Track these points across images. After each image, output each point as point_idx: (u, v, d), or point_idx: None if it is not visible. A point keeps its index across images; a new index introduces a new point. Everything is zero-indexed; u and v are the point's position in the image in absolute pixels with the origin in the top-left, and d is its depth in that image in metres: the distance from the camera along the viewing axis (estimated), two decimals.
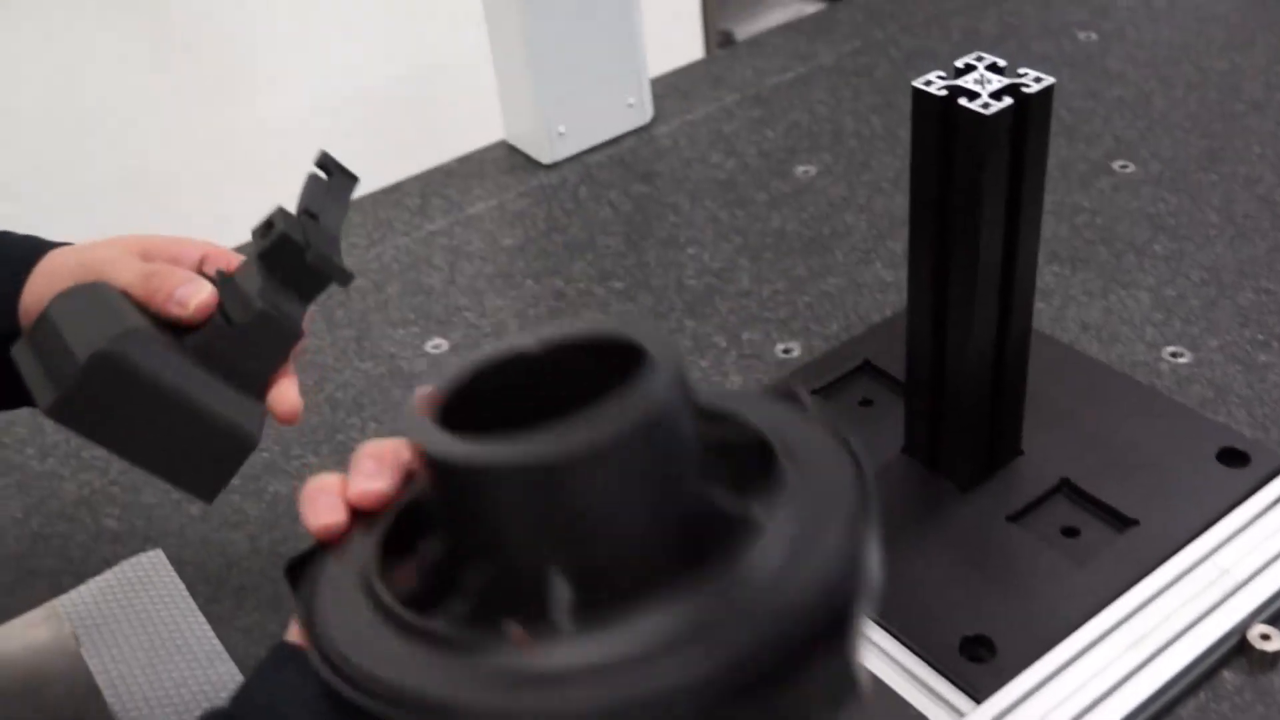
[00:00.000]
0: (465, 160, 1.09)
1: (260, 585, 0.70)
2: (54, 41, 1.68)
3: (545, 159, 1.06)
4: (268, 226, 0.54)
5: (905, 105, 1.12)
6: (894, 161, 1.03)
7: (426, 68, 1.84)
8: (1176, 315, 0.83)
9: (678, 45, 2.09)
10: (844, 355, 0.80)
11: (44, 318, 0.52)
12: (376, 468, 0.41)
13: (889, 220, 0.96)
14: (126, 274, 0.55)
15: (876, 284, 0.89)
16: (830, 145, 1.06)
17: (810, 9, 2.42)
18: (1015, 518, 0.67)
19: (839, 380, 0.78)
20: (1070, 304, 0.85)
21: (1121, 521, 0.67)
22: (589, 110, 1.06)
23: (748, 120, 1.11)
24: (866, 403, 0.77)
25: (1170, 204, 0.94)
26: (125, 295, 0.54)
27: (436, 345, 0.88)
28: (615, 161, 1.07)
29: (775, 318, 0.87)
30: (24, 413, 0.82)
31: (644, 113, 1.10)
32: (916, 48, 1.19)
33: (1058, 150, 1.00)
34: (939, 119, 0.57)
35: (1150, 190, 0.95)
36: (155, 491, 0.77)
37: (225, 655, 0.66)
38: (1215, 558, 0.64)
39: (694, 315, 0.88)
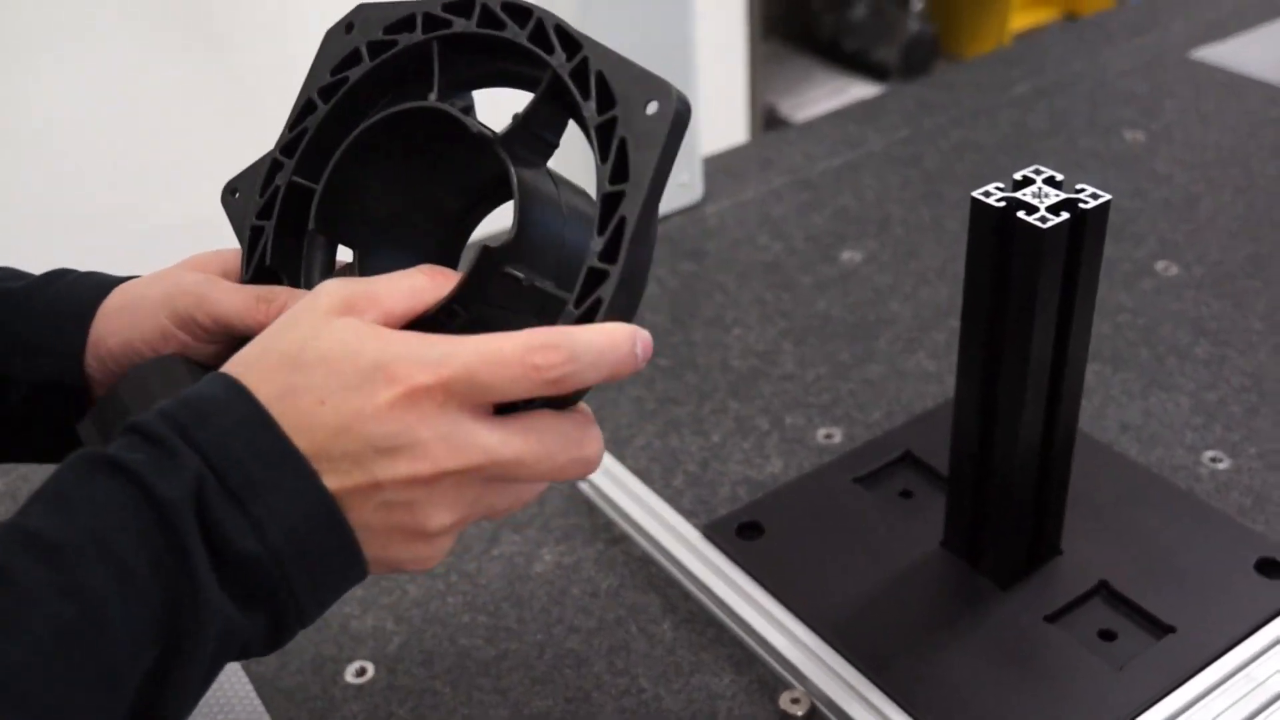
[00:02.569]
0: None
1: (303, 648, 0.71)
2: (122, 84, 1.73)
3: None
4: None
5: (952, 195, 1.14)
6: (940, 251, 1.05)
7: None
8: (1217, 420, 0.84)
9: (724, 121, 2.13)
10: (886, 445, 0.81)
11: (114, 398, 0.51)
12: None
13: (933, 310, 0.97)
14: (232, 299, 0.52)
15: (919, 374, 0.91)
16: (877, 232, 1.08)
17: (855, 89, 2.46)
18: (1053, 618, 0.68)
19: (880, 470, 0.79)
20: (1111, 404, 0.86)
21: (1159, 628, 0.67)
22: None
23: (796, 203, 1.13)
24: (906, 494, 0.78)
25: (1213, 308, 0.95)
26: (198, 368, 0.52)
27: None
28: (664, 238, 1.09)
29: (818, 403, 0.89)
30: None
31: (695, 191, 1.13)
32: (964, 139, 1.21)
33: None
34: (996, 230, 0.59)
35: (1193, 293, 0.97)
36: None
37: (267, 717, 0.67)
38: (1251, 669, 0.65)
39: (738, 397, 0.90)
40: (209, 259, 0.56)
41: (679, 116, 0.45)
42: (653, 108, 0.45)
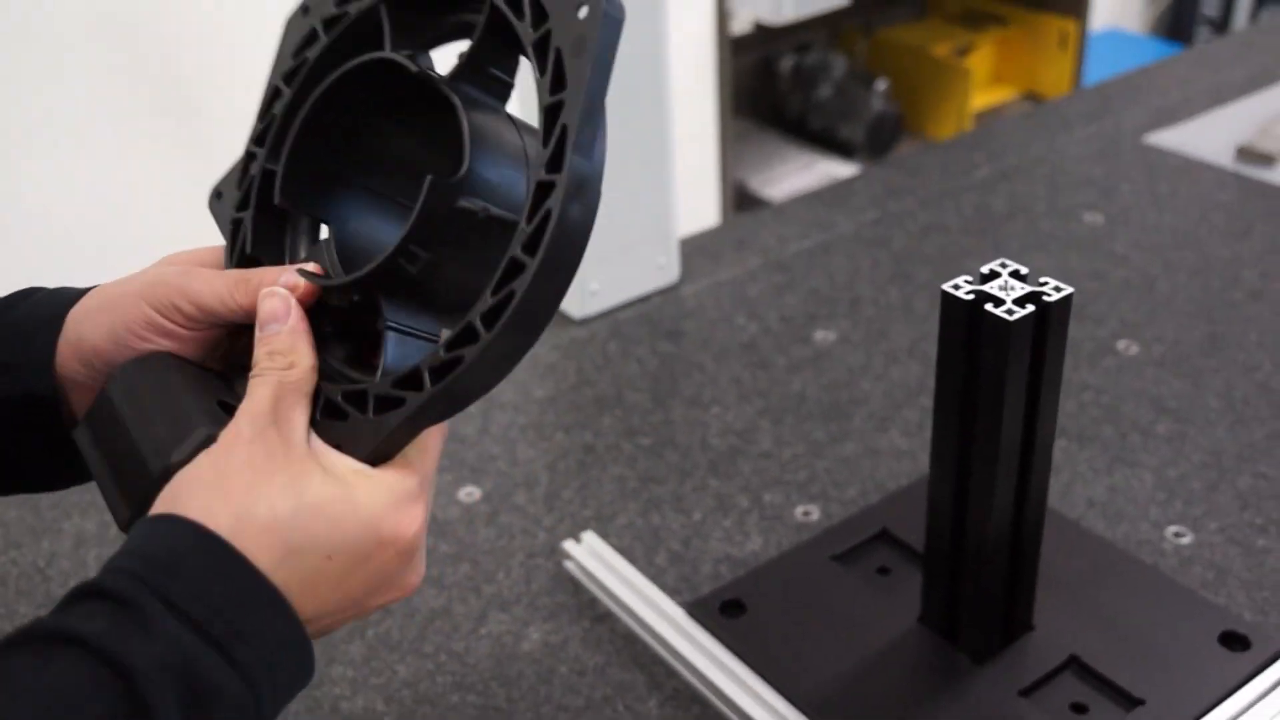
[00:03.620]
0: None
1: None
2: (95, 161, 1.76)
3: (577, 314, 1.11)
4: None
5: (920, 276, 1.18)
6: (909, 331, 1.08)
7: None
8: (1179, 496, 0.87)
9: (697, 199, 2.18)
10: (863, 522, 0.84)
11: (105, 400, 0.51)
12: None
13: (904, 389, 1.01)
14: (213, 285, 0.52)
15: (893, 451, 0.94)
16: (848, 313, 1.11)
17: (821, 166, 2.52)
18: (1027, 693, 0.70)
19: (858, 547, 0.82)
20: (1078, 480, 0.89)
21: (1129, 701, 0.69)
22: (621, 269, 1.12)
23: (770, 284, 1.16)
24: (884, 571, 0.80)
25: (1173, 387, 0.98)
26: (189, 365, 0.52)
27: (469, 493, 0.91)
28: (643, 319, 1.12)
29: (795, 480, 0.91)
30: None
31: (672, 273, 1.16)
32: (930, 222, 1.26)
33: None
34: (965, 321, 0.62)
35: (1154, 372, 1.00)
36: None
37: None
38: None
39: (717, 474, 0.92)
40: (186, 254, 0.56)
41: (609, 16, 0.45)
42: (583, 11, 0.46)
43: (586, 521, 0.88)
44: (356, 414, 0.49)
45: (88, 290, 0.55)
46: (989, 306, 0.61)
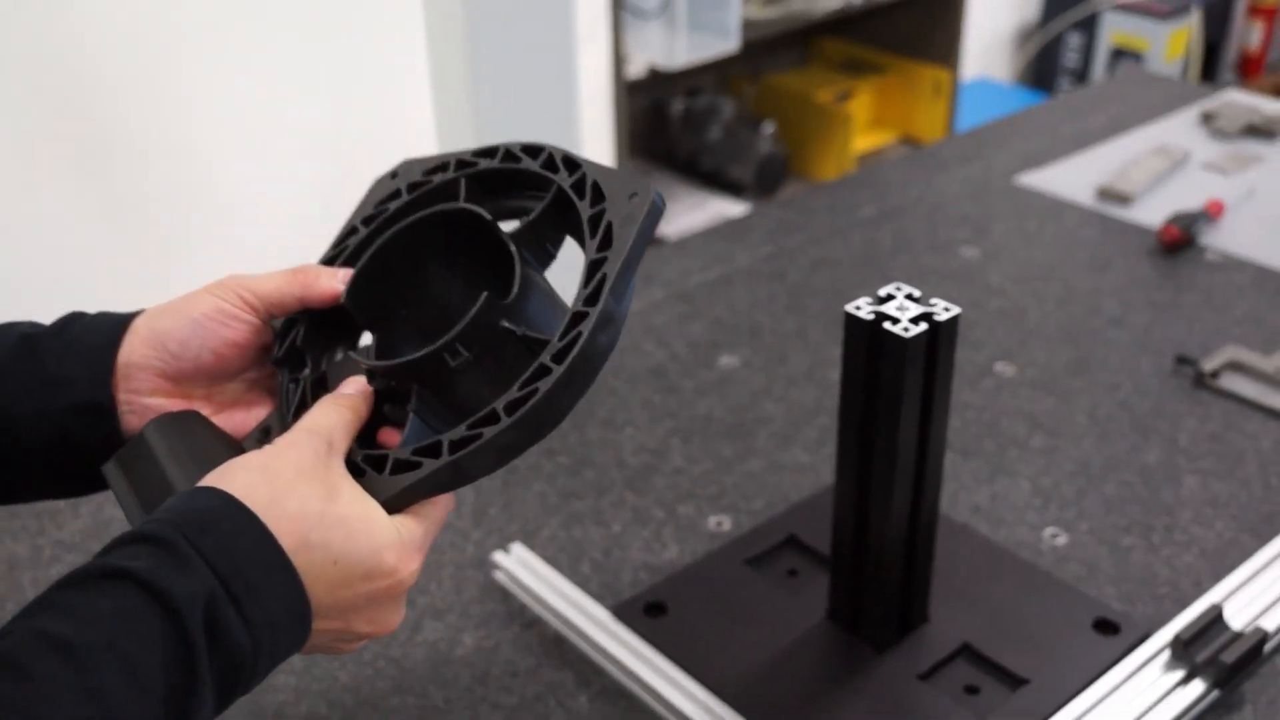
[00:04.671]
0: None
1: None
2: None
3: None
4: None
5: (814, 306, 1.26)
6: (806, 357, 1.16)
7: None
8: (1053, 501, 0.96)
9: None
10: (771, 530, 0.90)
11: (141, 440, 0.58)
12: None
13: (803, 410, 1.08)
14: (273, 279, 0.63)
15: (796, 466, 1.01)
16: (749, 340, 1.19)
17: (713, 205, 2.61)
18: (924, 677, 0.78)
19: (768, 552, 0.88)
20: (963, 489, 0.98)
21: (1015, 681, 0.77)
22: None
23: (675, 314, 1.23)
24: (793, 573, 0.87)
25: (1045, 405, 1.08)
26: (212, 424, 0.61)
27: None
28: None
29: (706, 494, 0.98)
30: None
31: None
32: (821, 256, 1.34)
33: None
34: (866, 340, 0.70)
35: (1028, 391, 1.10)
36: None
37: None
38: (1093, 714, 0.75)
39: (634, 489, 0.98)
40: (232, 278, 0.65)
41: (654, 206, 0.57)
42: (635, 199, 0.57)
43: (512, 535, 0.93)
44: (373, 473, 0.56)
45: (130, 315, 0.63)
46: (887, 325, 0.68)
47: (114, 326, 0.61)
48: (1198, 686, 0.76)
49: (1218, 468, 0.99)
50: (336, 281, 0.63)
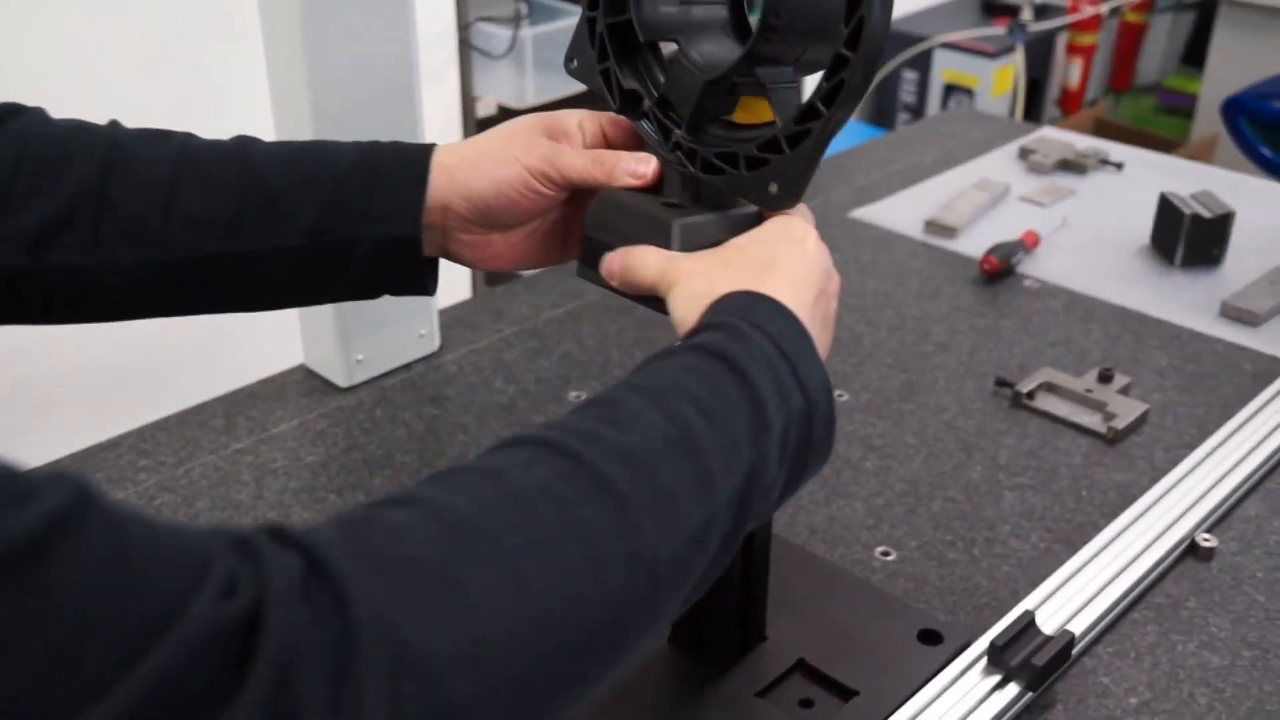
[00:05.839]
0: (267, 383, 1.19)
1: None
2: None
3: (343, 383, 1.17)
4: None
5: (663, 340, 1.30)
6: None
7: None
8: (885, 520, 1.01)
9: (452, 272, 2.25)
10: None
11: (594, 239, 0.71)
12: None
13: None
14: (578, 162, 0.72)
15: None
16: (599, 374, 1.22)
17: None
18: (762, 693, 0.81)
19: None
20: (801, 511, 1.02)
21: (846, 694, 0.81)
22: (385, 339, 1.19)
23: (525, 350, 1.26)
24: None
25: (877, 428, 1.14)
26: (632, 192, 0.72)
27: None
28: (408, 385, 1.19)
29: None
30: None
31: (433, 341, 1.24)
32: None
33: None
34: None
35: (861, 416, 1.15)
36: None
37: None
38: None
39: None
40: (527, 123, 0.75)
41: None
42: None
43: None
44: (776, 156, 0.67)
45: (429, 147, 0.74)
46: None
47: (418, 165, 0.73)
48: (1013, 689, 0.81)
49: (1034, 482, 1.06)
50: (642, 166, 0.71)
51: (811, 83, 0.68)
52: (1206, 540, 0.97)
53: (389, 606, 0.42)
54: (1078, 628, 0.86)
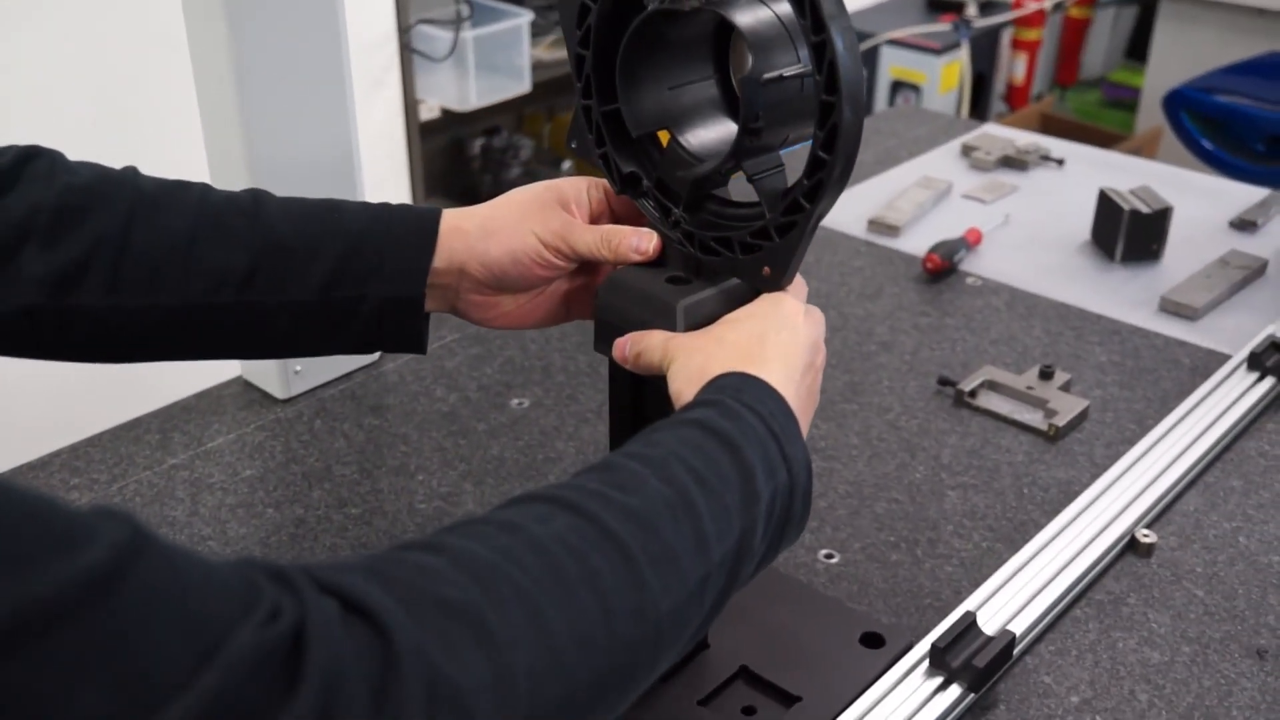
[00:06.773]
0: (203, 396, 1.17)
1: None
2: None
3: (281, 395, 1.15)
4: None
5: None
6: (597, 394, 1.19)
7: None
8: (828, 523, 1.01)
9: None
10: None
11: (606, 313, 0.74)
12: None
13: (595, 446, 1.11)
14: (587, 238, 0.75)
15: None
16: (541, 380, 1.21)
17: None
18: (705, 701, 0.81)
19: None
20: None
21: (789, 699, 0.81)
22: None
23: (467, 357, 1.25)
24: None
25: (822, 429, 1.13)
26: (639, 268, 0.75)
27: None
28: (347, 396, 1.17)
29: None
30: None
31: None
32: None
33: None
34: (630, 377, 0.73)
35: None
36: None
37: None
38: None
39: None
40: (540, 191, 0.77)
41: None
42: None
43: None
44: (767, 243, 0.70)
45: (437, 211, 0.77)
46: None
47: (427, 224, 0.76)
48: (955, 691, 0.81)
49: (976, 481, 1.06)
50: (644, 243, 0.74)
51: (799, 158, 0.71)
52: (1146, 536, 0.97)
53: (425, 642, 0.45)
54: (1019, 627, 0.86)
